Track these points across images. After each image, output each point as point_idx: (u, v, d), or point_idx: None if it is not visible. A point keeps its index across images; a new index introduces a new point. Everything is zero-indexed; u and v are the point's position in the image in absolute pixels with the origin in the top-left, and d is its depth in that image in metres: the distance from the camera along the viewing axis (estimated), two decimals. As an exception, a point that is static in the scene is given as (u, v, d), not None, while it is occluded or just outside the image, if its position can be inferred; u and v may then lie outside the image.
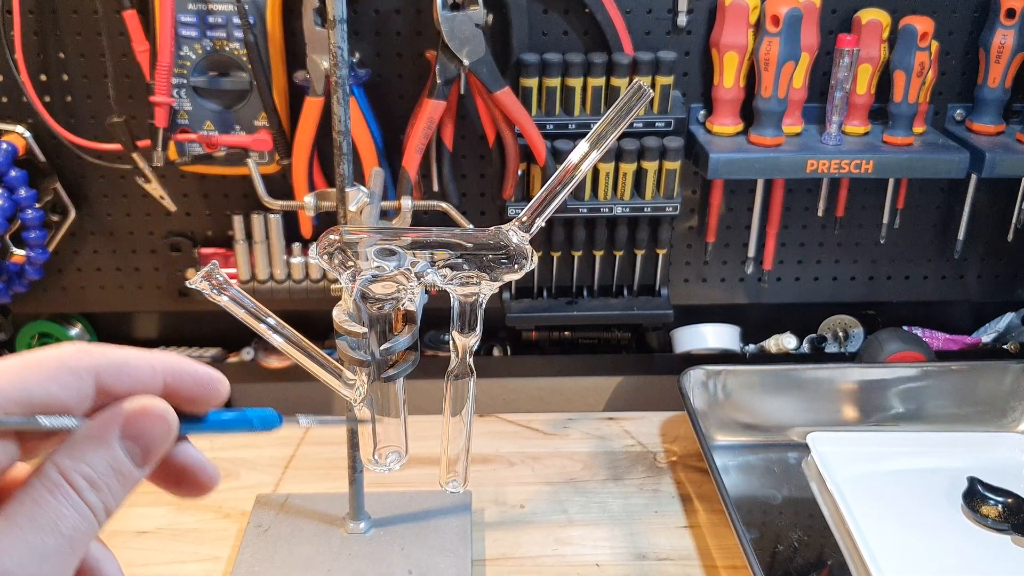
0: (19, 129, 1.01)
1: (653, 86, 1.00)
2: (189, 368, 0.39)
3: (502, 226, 0.52)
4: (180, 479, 0.39)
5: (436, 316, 1.12)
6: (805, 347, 1.18)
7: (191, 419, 0.39)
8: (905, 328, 1.18)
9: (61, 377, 0.35)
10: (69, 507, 0.34)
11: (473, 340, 0.54)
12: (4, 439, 0.35)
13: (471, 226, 0.93)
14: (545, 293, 1.13)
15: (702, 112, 1.06)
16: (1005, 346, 1.19)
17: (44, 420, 0.35)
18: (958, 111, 1.08)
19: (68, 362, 0.36)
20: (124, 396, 0.37)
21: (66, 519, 0.34)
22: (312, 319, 1.11)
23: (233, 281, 0.68)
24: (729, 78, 1.01)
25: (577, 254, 1.09)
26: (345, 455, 0.87)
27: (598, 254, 1.10)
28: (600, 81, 1.00)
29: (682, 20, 1.01)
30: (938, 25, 1.00)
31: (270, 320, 0.50)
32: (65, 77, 1.01)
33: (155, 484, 0.39)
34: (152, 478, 0.39)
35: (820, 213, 1.11)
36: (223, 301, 0.48)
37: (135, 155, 0.99)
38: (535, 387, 1.23)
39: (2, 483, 0.36)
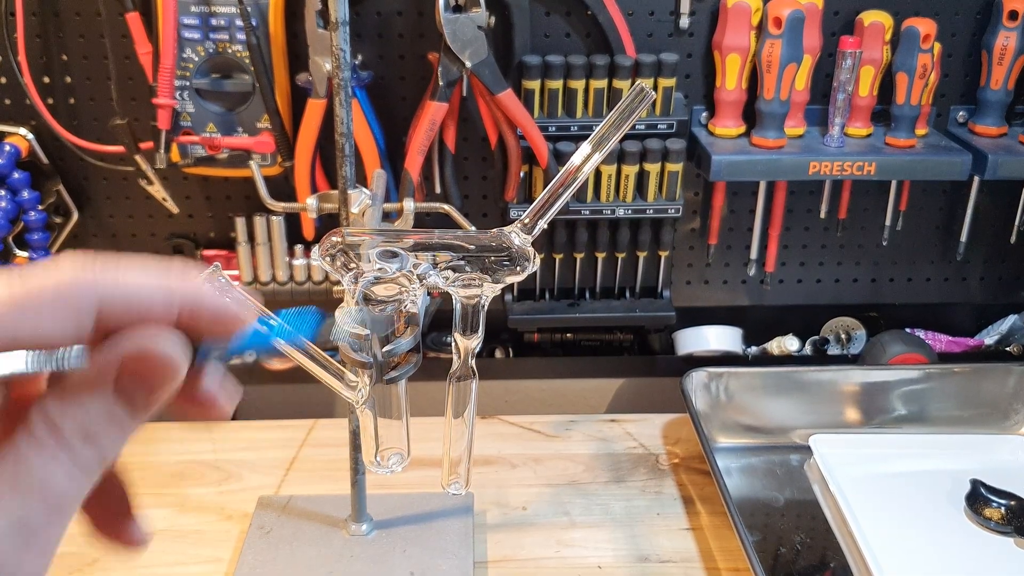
0: (22, 131, 1.01)
1: (655, 88, 1.00)
2: (210, 304, 0.33)
3: (504, 228, 0.52)
4: (187, 405, 0.35)
5: (438, 318, 1.13)
6: (807, 349, 1.18)
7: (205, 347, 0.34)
8: (907, 330, 1.18)
9: (57, 313, 0.30)
10: (58, 466, 0.29)
11: (475, 342, 0.54)
12: None
13: (473, 228, 0.94)
14: (547, 295, 1.13)
15: (704, 114, 1.06)
16: (1008, 348, 1.19)
17: (30, 365, 0.30)
18: (960, 113, 1.08)
19: (67, 294, 0.30)
20: (130, 329, 0.31)
21: (55, 482, 0.29)
22: (314, 321, 1.11)
23: (235, 283, 0.68)
24: (731, 80, 1.01)
25: (579, 256, 1.09)
26: (347, 457, 0.87)
27: (600, 256, 1.10)
28: (602, 83, 1.00)
29: (684, 22, 1.01)
30: (940, 27, 1.00)
31: (272, 322, 0.50)
32: (68, 79, 1.01)
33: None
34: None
35: (822, 215, 1.11)
36: (225, 303, 0.48)
37: (138, 157, 0.99)
38: (537, 389, 1.23)
39: None
